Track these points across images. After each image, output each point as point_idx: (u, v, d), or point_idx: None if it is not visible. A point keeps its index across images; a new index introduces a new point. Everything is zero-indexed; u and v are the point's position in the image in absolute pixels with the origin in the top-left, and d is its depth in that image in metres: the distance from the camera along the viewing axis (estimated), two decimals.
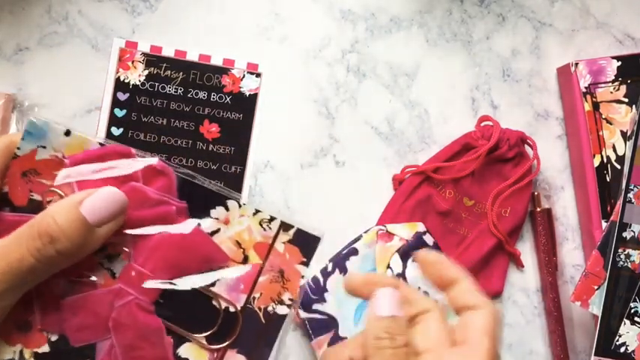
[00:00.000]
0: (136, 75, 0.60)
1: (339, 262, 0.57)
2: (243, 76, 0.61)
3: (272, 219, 0.34)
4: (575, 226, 0.62)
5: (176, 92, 0.60)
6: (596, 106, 0.59)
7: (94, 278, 0.33)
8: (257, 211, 0.34)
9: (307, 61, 0.61)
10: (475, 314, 0.34)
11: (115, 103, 0.60)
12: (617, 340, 0.55)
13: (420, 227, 0.57)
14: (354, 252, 0.57)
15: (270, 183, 0.61)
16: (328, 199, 0.61)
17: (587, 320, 0.60)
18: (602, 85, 0.59)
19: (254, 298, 0.34)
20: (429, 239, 0.57)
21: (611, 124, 0.59)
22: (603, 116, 0.59)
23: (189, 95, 0.60)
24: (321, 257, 0.59)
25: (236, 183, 0.60)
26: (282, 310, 0.35)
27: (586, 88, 0.59)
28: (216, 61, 0.61)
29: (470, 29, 0.62)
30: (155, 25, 0.61)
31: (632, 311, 0.55)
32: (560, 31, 0.63)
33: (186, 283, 0.33)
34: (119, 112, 0.60)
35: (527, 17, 0.63)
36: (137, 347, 0.33)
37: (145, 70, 0.60)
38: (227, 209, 0.34)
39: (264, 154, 0.61)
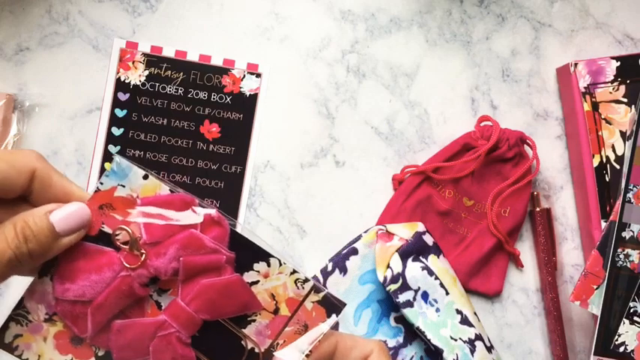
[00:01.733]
0: (137, 75, 0.60)
1: (339, 261, 0.58)
2: (244, 76, 0.61)
3: (306, 280, 0.39)
4: (575, 226, 0.62)
5: (176, 92, 0.60)
6: (595, 106, 0.59)
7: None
8: (294, 271, 0.39)
9: (307, 61, 0.61)
10: None
11: (116, 103, 0.60)
12: (617, 340, 0.55)
13: (420, 227, 0.57)
14: (354, 252, 0.58)
15: (270, 183, 0.61)
16: (328, 199, 0.61)
17: (586, 320, 0.61)
18: (602, 85, 0.59)
19: (277, 344, 0.39)
20: (428, 239, 0.57)
21: (610, 124, 0.59)
22: (602, 116, 0.59)
23: (189, 95, 0.60)
24: (322, 257, 0.59)
25: (236, 183, 0.60)
26: None
27: (585, 88, 0.59)
28: (217, 61, 0.61)
29: (469, 29, 0.62)
30: (155, 25, 0.61)
31: (632, 311, 0.55)
32: (559, 31, 0.63)
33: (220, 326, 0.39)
34: (120, 113, 0.60)
35: (527, 17, 0.63)
36: None
37: (145, 70, 0.60)
38: (269, 265, 0.39)
39: (264, 154, 0.61)
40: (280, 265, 0.39)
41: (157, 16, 0.61)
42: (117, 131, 0.60)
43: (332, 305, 0.39)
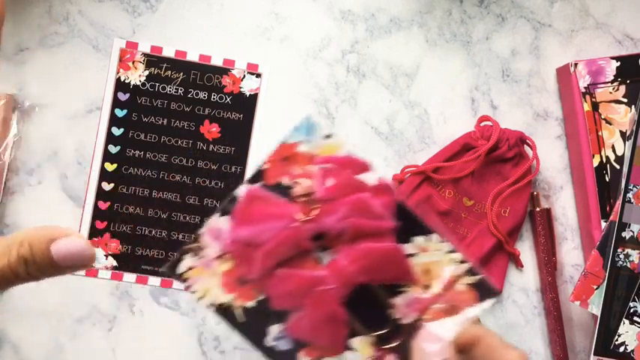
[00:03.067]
0: (137, 75, 0.60)
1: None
2: (244, 76, 0.61)
3: (463, 261, 0.39)
4: (575, 226, 0.62)
5: (176, 92, 0.60)
6: (595, 106, 0.59)
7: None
8: (453, 251, 0.39)
9: (307, 61, 0.61)
10: None
11: (116, 103, 0.60)
12: (617, 340, 0.55)
13: None
14: None
15: None
16: None
17: (586, 320, 0.61)
18: (602, 85, 0.59)
19: (423, 319, 0.40)
20: None
21: (610, 124, 0.59)
22: (602, 116, 0.59)
23: (189, 95, 0.60)
24: None
25: (236, 183, 0.60)
26: None
27: (585, 88, 0.59)
28: (217, 61, 0.61)
29: (469, 30, 0.62)
30: (155, 25, 0.61)
31: (632, 311, 0.55)
32: (559, 31, 0.63)
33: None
34: (120, 113, 0.60)
35: (527, 18, 0.63)
36: (322, 326, 0.39)
37: (145, 70, 0.60)
38: (428, 240, 0.40)
39: (264, 154, 0.61)
40: (440, 242, 0.39)
41: (157, 16, 0.61)
42: (117, 131, 0.60)
43: (486, 290, 0.39)
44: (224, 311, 0.40)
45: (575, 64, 0.59)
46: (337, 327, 0.39)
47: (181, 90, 0.60)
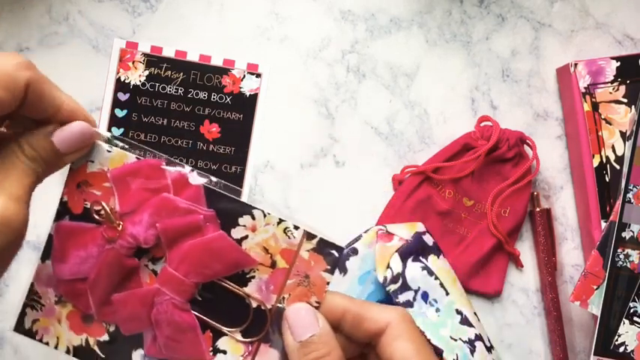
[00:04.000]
0: (137, 75, 0.60)
1: (339, 261, 0.58)
2: (244, 76, 0.61)
3: (296, 228, 0.37)
4: (575, 226, 0.62)
5: (176, 92, 0.60)
6: (595, 106, 0.59)
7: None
8: (281, 220, 0.37)
9: (307, 61, 0.61)
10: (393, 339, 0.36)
11: (116, 103, 0.60)
12: (617, 340, 0.55)
13: (420, 227, 0.57)
14: (354, 252, 0.58)
15: (270, 183, 0.61)
16: (328, 199, 0.61)
17: (586, 320, 0.61)
18: (602, 85, 0.59)
19: (283, 298, 0.38)
20: (428, 239, 0.57)
21: (610, 124, 0.59)
22: (602, 116, 0.59)
23: (189, 95, 0.60)
24: None
25: (236, 183, 0.60)
26: None
27: (585, 88, 0.59)
28: (217, 61, 0.61)
29: (469, 30, 0.62)
30: (155, 25, 0.61)
31: (632, 311, 0.55)
32: (559, 31, 0.63)
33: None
34: (120, 113, 0.60)
35: (527, 18, 0.63)
36: (175, 340, 0.37)
37: (145, 70, 0.60)
38: (253, 218, 0.37)
39: (264, 154, 0.61)
40: (265, 216, 0.37)
41: (157, 16, 0.61)
42: (117, 131, 0.60)
43: (329, 251, 0.37)
44: (83, 353, 0.39)
45: (575, 64, 0.59)
46: (192, 335, 0.37)
47: (181, 90, 0.60)
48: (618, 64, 0.59)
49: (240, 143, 0.61)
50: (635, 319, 0.55)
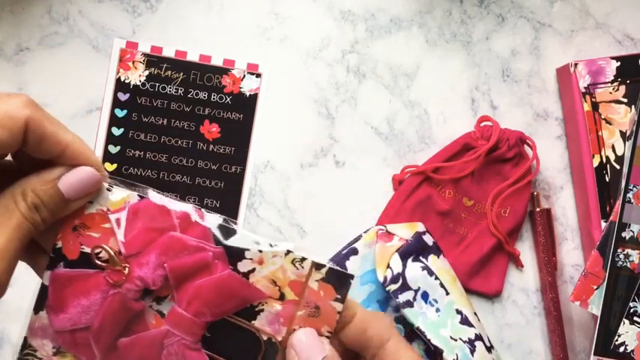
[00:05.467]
0: (137, 75, 0.60)
1: (339, 261, 0.58)
2: (244, 76, 0.61)
3: (303, 259, 0.37)
4: (575, 226, 0.62)
5: (176, 92, 0.60)
6: (595, 106, 0.59)
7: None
8: (289, 252, 0.37)
9: (307, 61, 0.61)
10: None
11: (116, 103, 0.60)
12: (617, 340, 0.55)
13: (420, 227, 0.57)
14: (354, 252, 0.58)
15: (270, 183, 0.61)
16: (328, 199, 0.61)
17: (586, 320, 0.61)
18: (602, 85, 0.59)
19: (294, 330, 0.37)
20: (428, 239, 0.57)
21: (610, 124, 0.59)
22: (602, 116, 0.59)
23: (189, 95, 0.60)
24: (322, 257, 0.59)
25: (236, 183, 0.60)
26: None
27: (585, 88, 0.59)
28: (217, 61, 0.61)
29: (469, 30, 0.62)
30: (155, 25, 0.61)
31: (632, 311, 0.55)
32: (559, 31, 0.63)
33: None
34: (120, 113, 0.60)
35: (527, 18, 0.63)
36: None
37: (145, 70, 0.60)
38: (260, 250, 0.36)
39: (264, 154, 0.61)
40: (272, 247, 0.36)
41: (157, 16, 0.61)
42: (117, 131, 0.60)
43: (338, 279, 0.37)
44: None
45: (575, 64, 0.59)
46: None
47: (181, 90, 0.60)
48: (618, 64, 0.59)
49: (240, 143, 0.61)
50: (635, 319, 0.55)
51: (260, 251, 0.36)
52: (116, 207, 0.36)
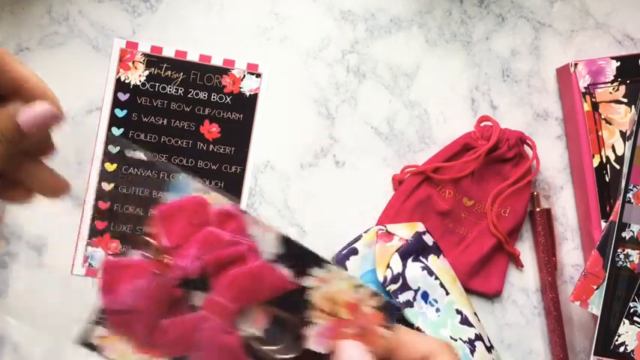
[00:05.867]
0: (137, 75, 0.60)
1: (339, 261, 0.58)
2: (244, 76, 0.61)
3: (361, 285, 0.41)
4: (575, 226, 0.62)
5: (176, 92, 0.60)
6: (595, 106, 0.59)
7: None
8: (351, 277, 0.41)
9: (307, 61, 0.61)
10: None
11: (116, 103, 0.60)
12: (617, 340, 0.55)
13: (420, 227, 0.57)
14: (354, 252, 0.58)
15: (270, 183, 0.61)
16: (328, 199, 0.61)
17: (586, 320, 0.61)
18: (602, 85, 0.59)
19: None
20: (428, 239, 0.57)
21: (610, 124, 0.59)
22: (602, 116, 0.59)
23: (189, 95, 0.60)
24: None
25: (236, 183, 0.60)
26: None
27: (585, 88, 0.59)
28: (217, 61, 0.61)
29: (469, 30, 0.62)
30: (155, 25, 0.61)
31: (632, 311, 0.55)
32: (559, 31, 0.63)
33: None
34: (120, 113, 0.60)
35: (527, 18, 0.63)
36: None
37: (145, 70, 0.60)
38: (326, 271, 0.41)
39: (264, 154, 0.61)
40: (336, 271, 0.41)
41: (157, 16, 0.61)
42: (117, 131, 0.60)
43: (389, 310, 0.40)
44: None
45: (575, 64, 0.59)
46: (237, 356, 0.41)
47: (181, 90, 0.60)
48: (618, 64, 0.59)
49: (240, 143, 0.61)
50: (635, 319, 0.55)
51: (326, 272, 0.41)
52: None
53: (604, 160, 0.58)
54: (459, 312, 0.56)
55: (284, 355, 0.41)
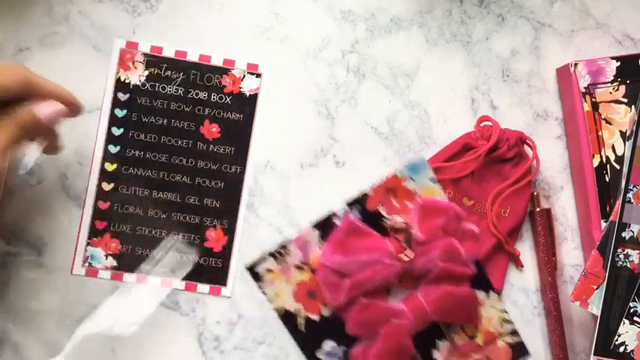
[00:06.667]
0: (137, 75, 0.60)
1: None
2: (244, 76, 0.61)
3: (509, 322, 0.45)
4: (575, 226, 0.62)
5: (176, 92, 0.60)
6: (595, 106, 0.59)
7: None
8: (504, 311, 0.44)
9: (307, 61, 0.61)
10: None
11: (116, 103, 0.60)
12: (617, 340, 0.55)
13: None
14: None
15: (270, 183, 0.61)
16: (328, 199, 0.61)
17: (586, 320, 0.61)
18: (602, 85, 0.59)
19: None
20: None
21: (610, 124, 0.59)
22: (602, 116, 0.59)
23: (189, 95, 0.60)
24: None
25: (236, 183, 0.60)
26: None
27: (585, 88, 0.59)
28: (217, 61, 0.61)
29: (469, 30, 0.62)
30: (155, 25, 0.61)
31: (632, 311, 0.55)
32: (559, 31, 0.63)
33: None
34: (120, 113, 0.60)
35: (527, 18, 0.63)
36: (387, 357, 0.42)
37: (145, 70, 0.60)
38: (488, 296, 0.44)
39: (264, 154, 0.61)
40: (496, 300, 0.44)
41: (157, 16, 0.61)
42: (117, 131, 0.60)
43: (519, 351, 0.44)
44: (289, 318, 0.42)
45: (575, 64, 0.59)
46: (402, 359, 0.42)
47: (181, 90, 0.60)
48: (618, 64, 0.59)
49: (240, 143, 0.61)
50: (635, 319, 0.55)
51: (488, 296, 0.44)
52: (426, 195, 0.44)
53: (604, 160, 0.58)
54: None
55: None
